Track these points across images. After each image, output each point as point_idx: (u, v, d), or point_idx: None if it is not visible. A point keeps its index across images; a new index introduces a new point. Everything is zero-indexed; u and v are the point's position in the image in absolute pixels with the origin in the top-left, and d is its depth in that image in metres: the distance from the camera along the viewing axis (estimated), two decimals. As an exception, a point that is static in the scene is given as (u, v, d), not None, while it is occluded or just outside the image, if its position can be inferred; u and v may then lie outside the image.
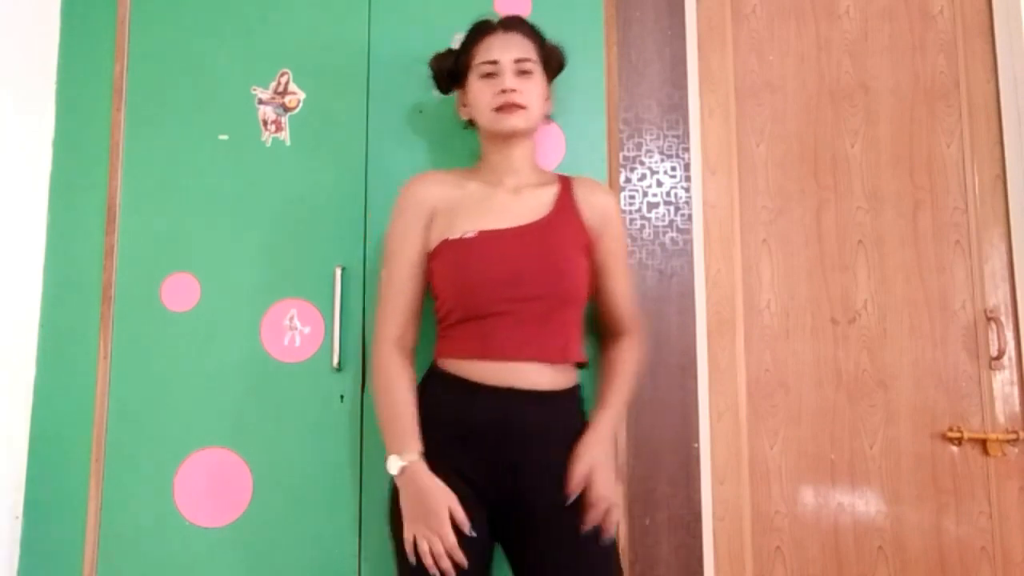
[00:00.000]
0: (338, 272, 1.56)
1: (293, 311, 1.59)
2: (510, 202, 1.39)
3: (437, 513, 1.23)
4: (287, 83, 1.66)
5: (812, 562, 1.66)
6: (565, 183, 1.44)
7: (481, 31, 1.42)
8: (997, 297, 1.72)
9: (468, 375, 1.32)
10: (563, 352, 1.34)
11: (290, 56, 1.66)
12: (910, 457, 1.68)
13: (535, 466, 1.29)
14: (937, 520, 1.66)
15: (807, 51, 1.82)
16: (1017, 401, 1.69)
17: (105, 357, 1.59)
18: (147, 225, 1.63)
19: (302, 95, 1.66)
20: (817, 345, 1.72)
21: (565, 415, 1.36)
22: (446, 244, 1.35)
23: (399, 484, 1.28)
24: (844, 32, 1.82)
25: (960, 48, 1.80)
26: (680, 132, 1.71)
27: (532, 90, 1.38)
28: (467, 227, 1.35)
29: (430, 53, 1.65)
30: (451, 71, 1.46)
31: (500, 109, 1.36)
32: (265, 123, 1.65)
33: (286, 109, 1.65)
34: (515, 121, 1.36)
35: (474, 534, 1.23)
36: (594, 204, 1.43)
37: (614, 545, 1.31)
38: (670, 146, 1.70)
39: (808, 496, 1.68)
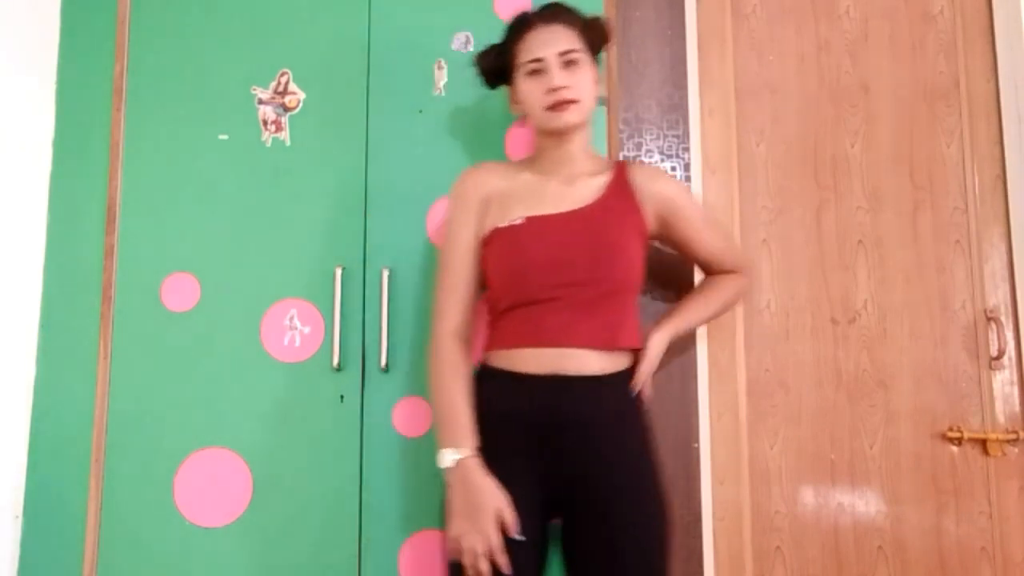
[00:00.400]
0: (338, 272, 1.56)
1: (293, 311, 1.59)
2: (562, 190, 1.39)
3: (484, 512, 1.21)
4: (287, 83, 1.66)
5: (812, 562, 1.66)
6: (620, 168, 1.44)
7: (520, 28, 1.39)
8: (997, 297, 1.72)
9: (517, 367, 1.32)
10: (613, 339, 1.33)
11: (290, 56, 1.66)
12: (910, 457, 1.68)
13: (587, 451, 1.28)
14: (937, 520, 1.66)
15: (807, 51, 1.82)
16: (1017, 401, 1.69)
17: (105, 357, 1.59)
18: (147, 225, 1.63)
19: (302, 95, 1.66)
20: (817, 345, 1.72)
21: (615, 398, 1.34)
22: (496, 232, 1.36)
23: (450, 480, 1.27)
24: (844, 32, 1.82)
25: (960, 48, 1.80)
26: (680, 132, 1.71)
27: (581, 80, 1.36)
28: (517, 215, 1.36)
29: (430, 53, 1.66)
30: (496, 69, 1.44)
31: (552, 107, 1.34)
32: (265, 123, 1.65)
33: (286, 109, 1.65)
34: (568, 117, 1.35)
35: (521, 538, 1.21)
36: (655, 192, 1.42)
37: (667, 535, 1.30)
38: (670, 146, 1.70)
39: (808, 496, 1.68)
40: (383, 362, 1.53)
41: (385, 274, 1.55)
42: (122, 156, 1.65)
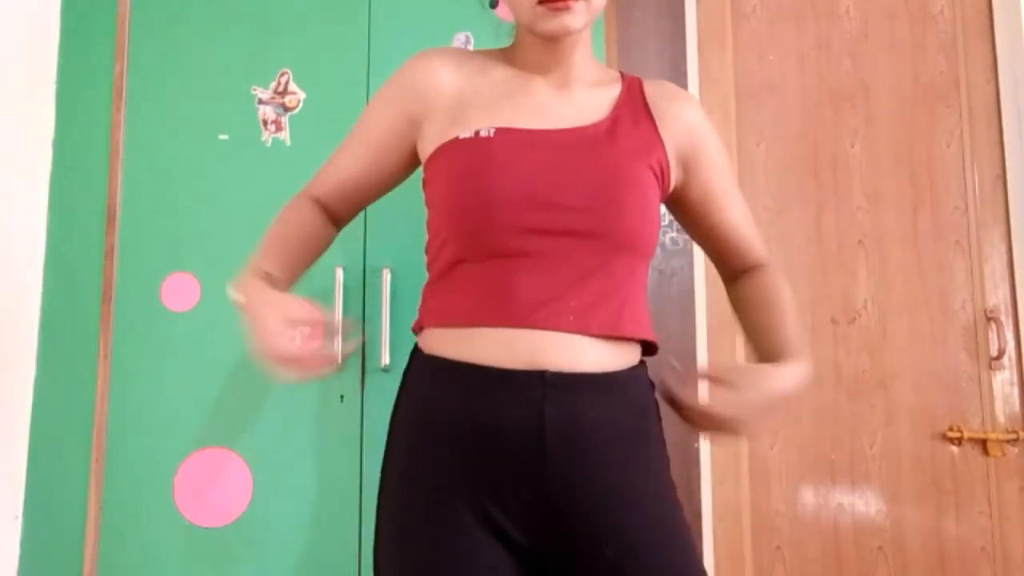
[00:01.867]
0: (338, 272, 1.56)
1: (293, 311, 1.58)
2: (551, 98, 1.01)
3: (262, 318, 0.93)
4: (287, 83, 1.66)
5: (812, 562, 1.66)
6: (632, 83, 1.06)
7: None
8: (997, 297, 1.72)
9: (472, 356, 0.92)
10: (616, 321, 0.93)
11: (290, 56, 1.66)
12: (910, 457, 1.68)
13: (591, 484, 0.89)
14: (937, 520, 1.66)
15: (807, 51, 1.82)
16: (1017, 401, 1.69)
17: (105, 357, 1.59)
18: (147, 225, 1.62)
19: (302, 95, 1.65)
20: (817, 345, 1.72)
21: (627, 406, 0.94)
22: (454, 144, 0.97)
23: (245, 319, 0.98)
24: (844, 32, 1.82)
25: (960, 48, 1.80)
26: (680, 132, 1.71)
27: None
28: (485, 123, 0.96)
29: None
30: None
31: (545, 1, 0.92)
32: (265, 123, 1.65)
33: (286, 109, 1.65)
34: (569, 20, 0.93)
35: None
36: (677, 116, 1.03)
37: None
38: (670, 146, 1.70)
39: (808, 496, 1.68)
40: (383, 362, 1.53)
41: (385, 274, 1.55)
42: (122, 156, 1.65)
